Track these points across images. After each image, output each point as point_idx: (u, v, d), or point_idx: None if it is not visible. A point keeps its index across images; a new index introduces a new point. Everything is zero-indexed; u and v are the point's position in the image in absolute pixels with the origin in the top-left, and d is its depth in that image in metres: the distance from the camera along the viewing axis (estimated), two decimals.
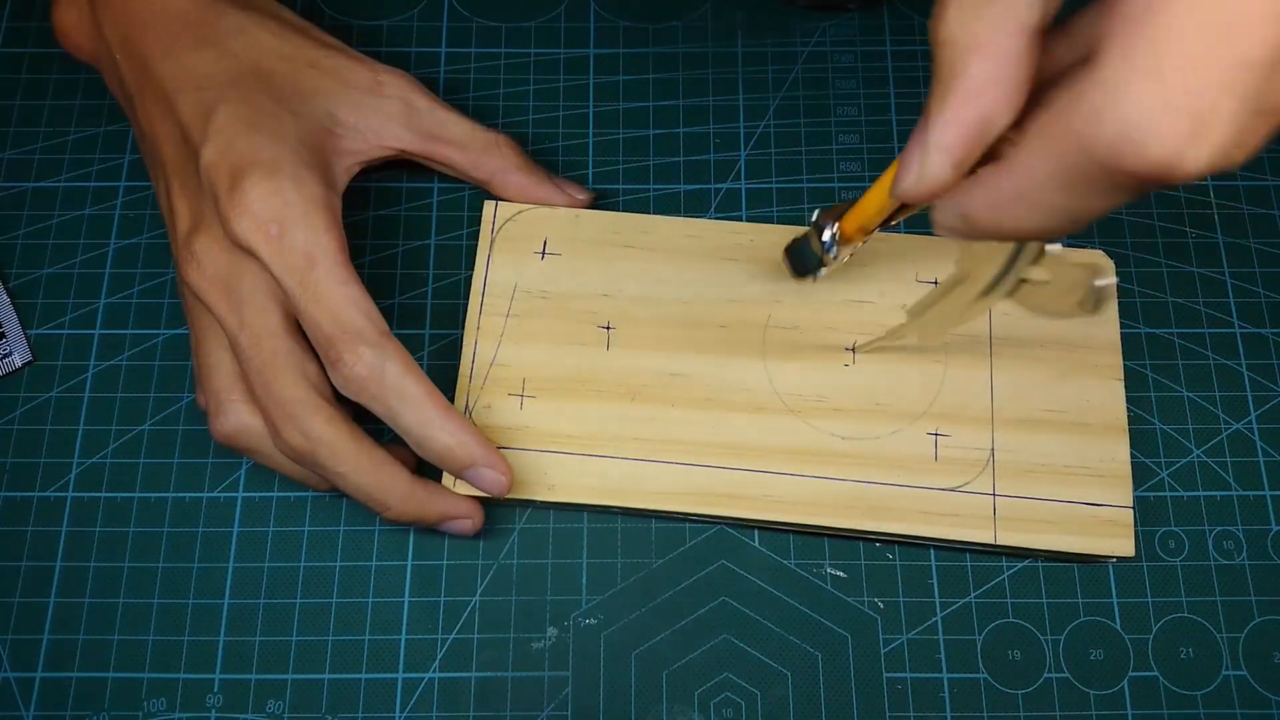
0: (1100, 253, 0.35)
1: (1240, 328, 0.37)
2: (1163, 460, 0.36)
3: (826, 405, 0.34)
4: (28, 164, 0.40)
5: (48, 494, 0.35)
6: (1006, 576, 0.34)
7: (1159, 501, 0.35)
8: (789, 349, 0.35)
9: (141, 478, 0.36)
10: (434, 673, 0.33)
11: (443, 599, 0.34)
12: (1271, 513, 0.35)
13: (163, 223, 0.34)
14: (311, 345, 0.31)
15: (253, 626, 0.34)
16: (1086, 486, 0.33)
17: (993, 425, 0.34)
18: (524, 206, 0.37)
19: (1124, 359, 0.35)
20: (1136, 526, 0.34)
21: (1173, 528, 0.35)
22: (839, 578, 0.34)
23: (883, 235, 0.36)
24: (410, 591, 0.34)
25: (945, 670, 0.33)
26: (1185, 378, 0.37)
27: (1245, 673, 0.33)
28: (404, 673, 0.33)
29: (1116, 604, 0.34)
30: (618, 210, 0.39)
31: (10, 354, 0.37)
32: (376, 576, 0.34)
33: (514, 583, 0.34)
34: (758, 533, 0.35)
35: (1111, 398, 0.34)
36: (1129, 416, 0.34)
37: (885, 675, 0.33)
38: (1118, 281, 0.22)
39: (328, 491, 0.34)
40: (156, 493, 0.35)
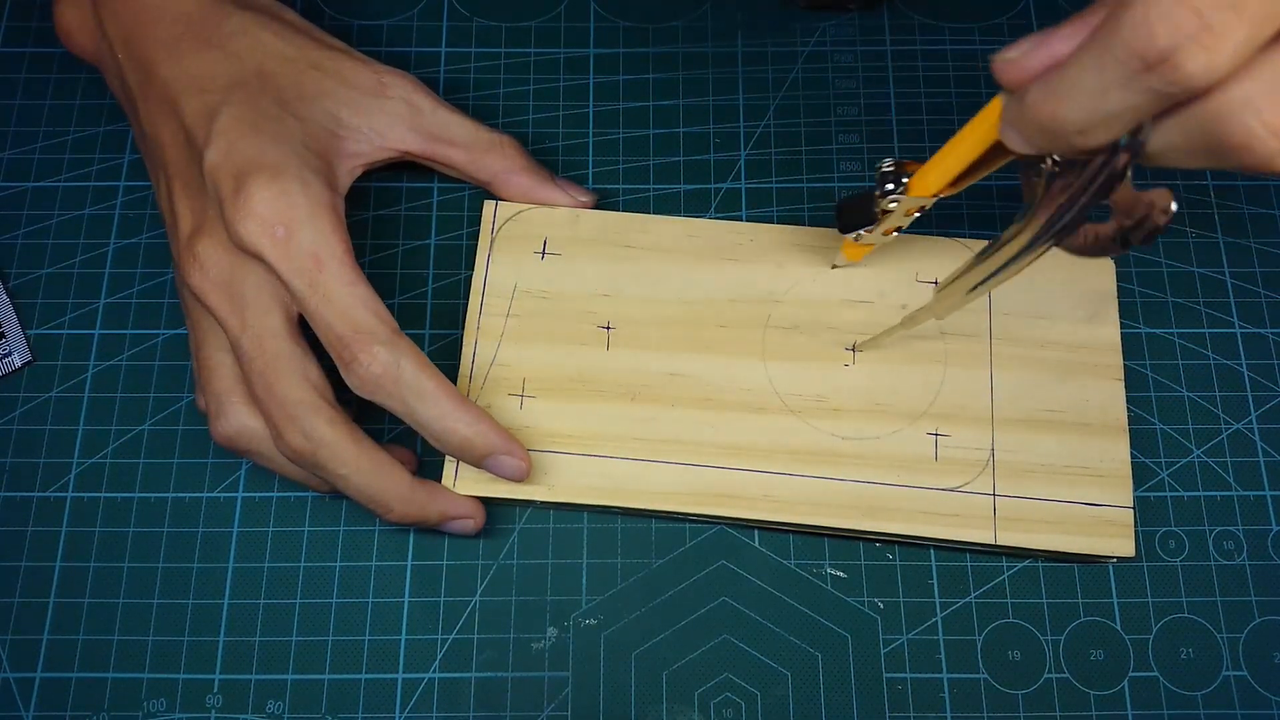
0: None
1: (1240, 328, 0.37)
2: (1163, 460, 0.36)
3: (826, 405, 0.34)
4: (28, 164, 0.40)
5: (48, 494, 0.35)
6: (1006, 576, 0.34)
7: (1159, 501, 0.35)
8: (789, 349, 0.35)
9: (141, 478, 0.36)
10: (434, 673, 0.33)
11: (443, 599, 0.34)
12: (1271, 513, 0.35)
13: (163, 223, 0.34)
14: (311, 348, 0.31)
15: (253, 626, 0.34)
16: (1086, 487, 0.33)
17: (993, 425, 0.34)
18: (524, 206, 0.37)
19: (1124, 359, 0.35)
20: (1136, 526, 0.34)
21: (1173, 528, 0.35)
22: (839, 578, 0.34)
23: None
24: (410, 592, 0.34)
25: (945, 670, 0.33)
26: (1185, 378, 0.37)
27: (1245, 673, 0.33)
28: (404, 673, 0.33)
29: (1117, 604, 0.34)
30: (618, 210, 0.39)
31: (10, 354, 0.37)
32: (376, 577, 0.34)
33: (514, 583, 0.34)
34: (758, 533, 0.35)
35: (1111, 398, 0.34)
36: (1129, 416, 0.34)
37: (885, 675, 0.33)
38: (1169, 224, 0.23)
39: (327, 493, 0.34)
40: (156, 493, 0.35)
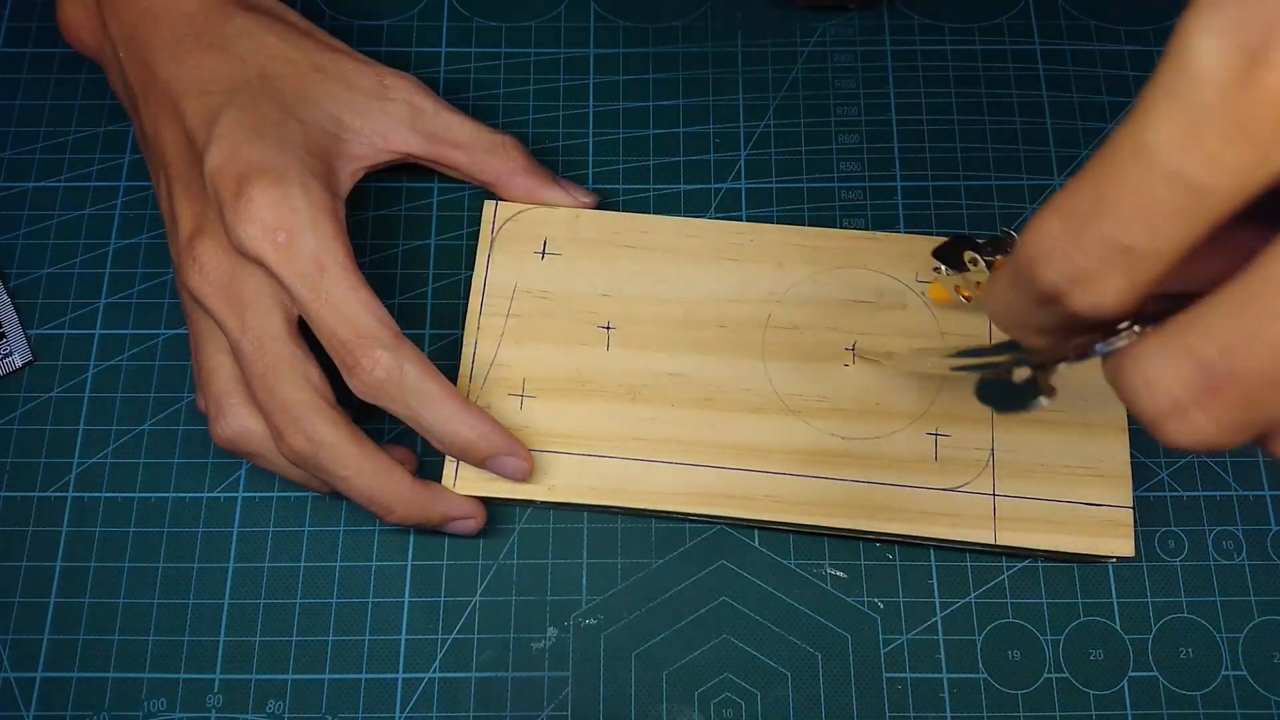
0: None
1: None
2: (1163, 460, 0.36)
3: (826, 405, 0.34)
4: (28, 164, 0.40)
5: (48, 494, 0.35)
6: (1006, 576, 0.34)
7: (1159, 501, 0.35)
8: (789, 349, 0.35)
9: (141, 478, 0.36)
10: (434, 673, 0.33)
11: (443, 599, 0.34)
12: (1271, 513, 0.35)
13: (163, 223, 0.34)
14: (311, 350, 0.31)
15: (253, 626, 0.34)
16: (1086, 486, 0.33)
17: (993, 425, 0.34)
18: (524, 206, 0.37)
19: None
20: (1136, 526, 0.34)
21: (1173, 528, 0.35)
22: (839, 578, 0.34)
23: (883, 235, 0.36)
24: (410, 591, 0.34)
25: (945, 670, 0.33)
26: None
27: (1245, 673, 0.33)
28: (404, 673, 0.33)
29: (1116, 604, 0.34)
30: (618, 210, 0.38)
31: (10, 354, 0.37)
32: (376, 576, 0.34)
33: (514, 583, 0.34)
34: (758, 533, 0.35)
35: (1111, 397, 0.34)
36: (1129, 416, 0.34)
37: (885, 675, 0.33)
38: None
39: (328, 493, 0.34)
40: (156, 493, 0.35)
